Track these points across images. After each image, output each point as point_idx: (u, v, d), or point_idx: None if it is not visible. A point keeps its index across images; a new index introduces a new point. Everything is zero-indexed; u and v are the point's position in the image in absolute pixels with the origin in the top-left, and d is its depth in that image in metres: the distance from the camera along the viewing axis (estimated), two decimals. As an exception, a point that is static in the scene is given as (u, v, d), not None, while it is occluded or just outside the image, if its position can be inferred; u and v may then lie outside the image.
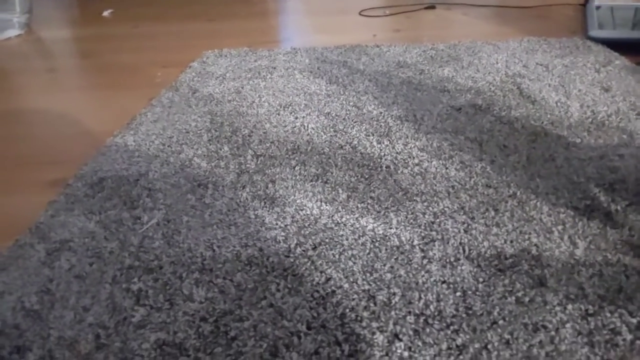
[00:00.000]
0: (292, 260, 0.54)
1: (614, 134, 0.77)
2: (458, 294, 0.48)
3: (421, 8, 1.61)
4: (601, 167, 0.67)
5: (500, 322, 0.45)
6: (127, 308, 0.50)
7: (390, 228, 0.58)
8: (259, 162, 0.73)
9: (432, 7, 1.62)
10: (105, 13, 1.78)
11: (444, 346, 0.43)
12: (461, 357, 0.42)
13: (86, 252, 0.57)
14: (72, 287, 0.52)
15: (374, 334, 0.45)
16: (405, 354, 0.43)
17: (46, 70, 1.24)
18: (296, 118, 0.86)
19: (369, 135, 0.79)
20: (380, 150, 0.75)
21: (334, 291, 0.50)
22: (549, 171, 0.67)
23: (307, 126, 0.83)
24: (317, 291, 0.50)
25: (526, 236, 0.55)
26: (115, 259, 0.56)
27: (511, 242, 0.55)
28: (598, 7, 1.41)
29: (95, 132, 0.87)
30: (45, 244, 0.59)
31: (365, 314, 0.47)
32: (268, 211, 0.62)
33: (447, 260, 0.53)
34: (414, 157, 0.72)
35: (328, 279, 0.51)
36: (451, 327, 0.45)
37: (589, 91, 0.92)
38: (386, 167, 0.70)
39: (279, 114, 0.88)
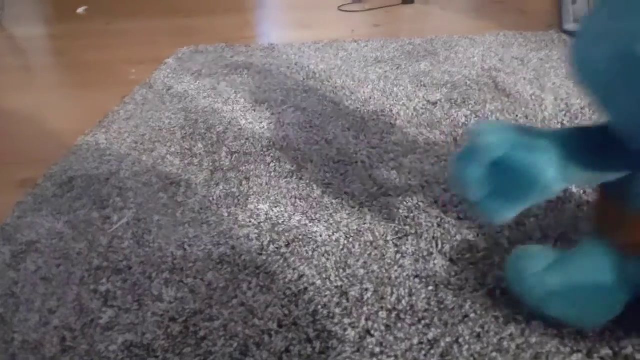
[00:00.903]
0: (264, 258, 0.53)
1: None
2: (430, 288, 0.48)
3: (400, 3, 1.61)
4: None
5: (472, 315, 0.45)
6: (95, 310, 0.48)
7: (364, 223, 0.58)
8: (233, 159, 0.72)
9: (410, 1, 1.62)
10: (80, 10, 1.74)
11: (415, 341, 0.43)
12: (432, 351, 0.42)
13: (53, 253, 0.56)
14: (38, 290, 0.51)
15: (345, 330, 0.44)
16: (377, 349, 0.43)
17: (18, 68, 1.21)
18: (272, 114, 0.85)
19: (344, 131, 0.79)
20: (356, 145, 0.74)
21: (306, 288, 0.49)
22: (523, 164, 0.68)
23: (283, 122, 0.82)
24: (290, 289, 0.49)
25: (498, 229, 0.55)
26: (83, 260, 0.54)
27: (484, 235, 0.55)
28: (574, 1, 1.42)
29: (67, 131, 0.85)
30: (11, 245, 0.57)
31: (338, 310, 0.47)
32: (241, 209, 0.61)
33: (420, 255, 0.52)
34: (389, 152, 0.72)
35: (301, 276, 0.51)
36: (423, 322, 0.45)
37: (564, 84, 0.93)
38: (361, 162, 0.70)
39: (254, 110, 0.87)
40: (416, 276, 0.50)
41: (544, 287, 0.40)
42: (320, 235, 0.56)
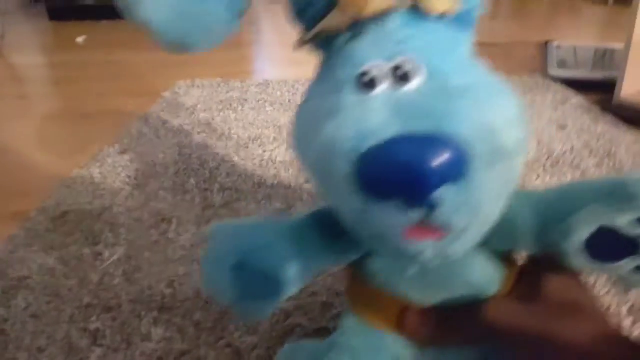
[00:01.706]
0: (252, 298, 0.54)
1: (567, 172, 0.81)
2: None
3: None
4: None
5: None
6: (84, 349, 0.49)
7: (351, 265, 0.59)
8: (225, 195, 0.74)
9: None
10: (79, 39, 1.78)
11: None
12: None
13: (44, 290, 0.56)
14: (28, 327, 0.52)
15: (329, 374, 0.45)
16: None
17: (16, 97, 1.24)
18: (264, 151, 0.88)
19: (335, 170, 0.81)
20: (345, 185, 0.76)
21: (293, 329, 0.50)
22: (505, 208, 0.70)
23: (275, 160, 0.85)
24: (276, 330, 0.50)
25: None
26: (74, 297, 0.55)
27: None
28: (559, 47, 1.49)
29: (62, 163, 0.87)
30: (2, 281, 0.58)
31: (322, 353, 0.48)
32: (231, 247, 0.62)
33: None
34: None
35: (287, 317, 0.52)
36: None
37: (546, 129, 0.96)
38: (350, 203, 0.72)
39: (247, 147, 0.89)
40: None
41: None
42: (308, 276, 0.57)
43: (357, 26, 0.30)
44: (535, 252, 0.34)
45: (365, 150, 0.26)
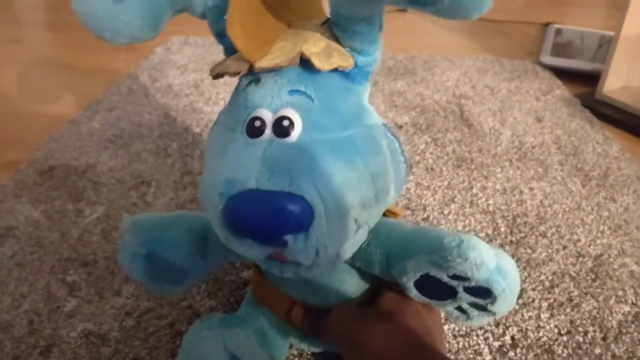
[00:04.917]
0: (216, 265, 0.60)
1: (532, 167, 0.85)
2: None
3: (394, 10, 1.65)
4: (509, 200, 0.75)
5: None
6: (61, 298, 0.55)
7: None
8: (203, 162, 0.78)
9: (403, 9, 1.67)
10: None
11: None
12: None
13: (29, 240, 0.62)
14: (13, 274, 0.58)
15: (274, 339, 0.52)
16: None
17: (10, 41, 1.25)
18: (248, 120, 0.91)
19: (311, 146, 0.85)
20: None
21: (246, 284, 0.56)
22: (464, 199, 0.75)
23: (257, 130, 0.88)
24: (234, 296, 0.56)
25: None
26: (55, 250, 0.61)
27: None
28: (559, 31, 1.46)
29: (52, 114, 0.90)
30: (-9, 229, 0.63)
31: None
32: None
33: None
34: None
35: (245, 284, 0.58)
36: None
37: (523, 120, 1.00)
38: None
39: (232, 114, 0.93)
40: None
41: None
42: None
43: (256, 73, 0.34)
44: (386, 279, 0.41)
45: (230, 196, 0.31)
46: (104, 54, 1.16)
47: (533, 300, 0.57)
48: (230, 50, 0.36)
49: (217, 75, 0.35)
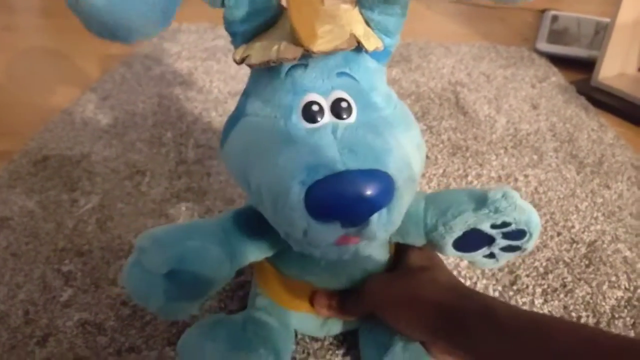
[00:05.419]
0: (212, 254, 0.60)
1: (527, 154, 0.85)
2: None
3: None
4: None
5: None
6: (57, 288, 0.55)
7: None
8: (198, 152, 0.78)
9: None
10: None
11: None
12: None
13: (24, 231, 0.62)
14: (8, 264, 0.57)
15: (270, 327, 0.52)
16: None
17: (1, 28, 1.23)
18: (242, 109, 0.90)
19: (306, 134, 0.85)
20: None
21: (242, 285, 0.57)
22: (459, 186, 0.75)
23: (252, 118, 0.88)
24: (229, 284, 0.57)
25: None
26: (50, 240, 0.61)
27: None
28: (555, 17, 1.45)
29: (45, 103, 0.90)
30: (-15, 219, 0.63)
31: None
32: (198, 204, 0.68)
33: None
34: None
35: (240, 274, 0.58)
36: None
37: (519, 107, 0.99)
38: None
39: (226, 103, 0.92)
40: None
41: None
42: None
43: (304, 58, 0.33)
44: (420, 244, 0.42)
45: (314, 182, 0.31)
46: (98, 41, 1.14)
47: (527, 287, 0.58)
48: (240, 39, 0.35)
49: (250, 64, 0.34)
